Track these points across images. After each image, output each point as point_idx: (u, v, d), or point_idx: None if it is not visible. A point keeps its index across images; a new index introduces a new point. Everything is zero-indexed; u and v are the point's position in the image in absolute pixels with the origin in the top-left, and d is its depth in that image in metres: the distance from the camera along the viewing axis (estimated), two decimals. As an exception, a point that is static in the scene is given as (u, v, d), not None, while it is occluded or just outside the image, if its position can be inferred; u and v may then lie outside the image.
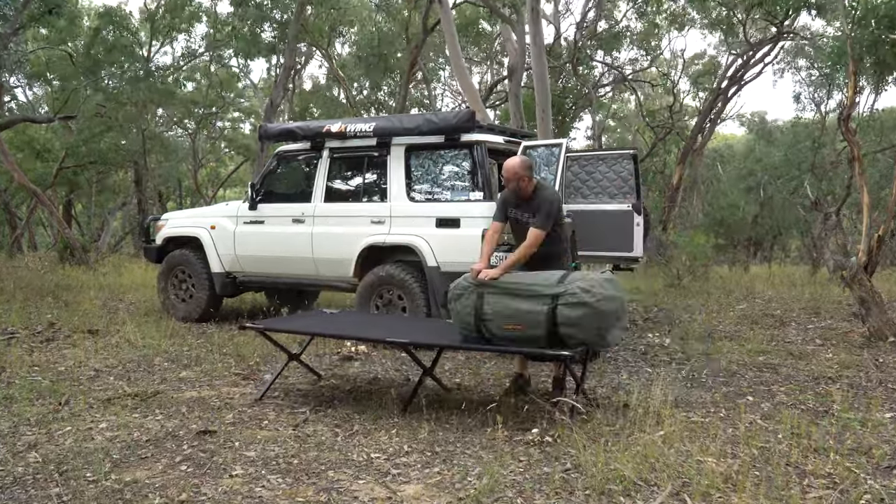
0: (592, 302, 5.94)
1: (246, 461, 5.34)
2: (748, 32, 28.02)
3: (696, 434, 5.82)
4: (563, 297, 6.01)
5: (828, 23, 23.91)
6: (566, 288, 6.06)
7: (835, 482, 4.88)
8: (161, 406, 6.87)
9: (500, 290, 6.32)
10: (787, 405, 6.92)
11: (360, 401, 7.07)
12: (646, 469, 4.99)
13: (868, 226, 10.68)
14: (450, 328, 6.99)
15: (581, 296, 5.95)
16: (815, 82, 29.43)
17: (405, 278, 9.71)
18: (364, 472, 5.12)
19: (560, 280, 6.21)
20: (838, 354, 9.20)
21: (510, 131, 10.97)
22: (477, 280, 6.44)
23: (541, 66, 17.10)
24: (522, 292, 6.21)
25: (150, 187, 30.94)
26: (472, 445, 5.69)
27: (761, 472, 5.04)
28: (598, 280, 6.16)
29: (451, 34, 18.72)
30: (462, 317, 6.51)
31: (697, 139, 29.72)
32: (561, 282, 6.17)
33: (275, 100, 24.77)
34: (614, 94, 38.76)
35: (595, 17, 30.36)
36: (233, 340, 9.97)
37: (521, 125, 18.41)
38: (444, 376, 7.92)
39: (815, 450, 5.49)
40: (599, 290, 6.02)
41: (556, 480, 4.87)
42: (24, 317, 11.68)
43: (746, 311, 12.78)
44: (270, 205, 11.12)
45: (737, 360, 8.94)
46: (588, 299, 5.95)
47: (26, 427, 6.16)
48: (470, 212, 9.37)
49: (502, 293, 6.30)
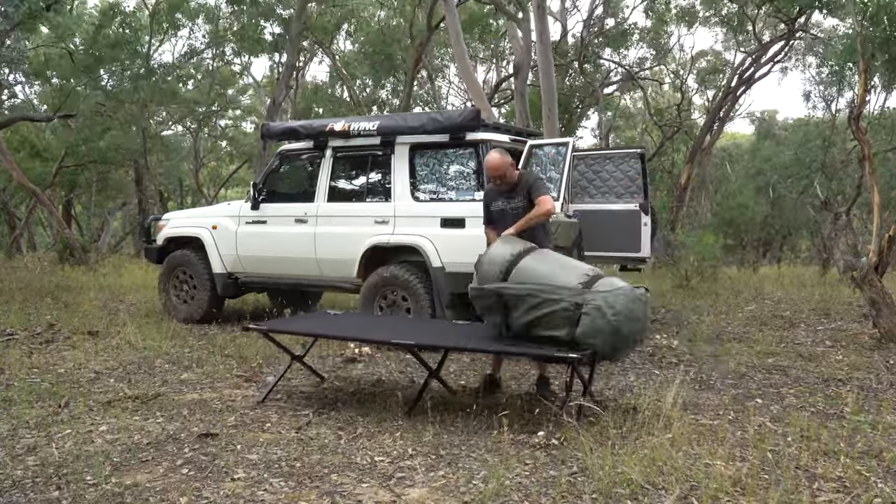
0: (613, 320, 5.96)
1: (248, 464, 5.35)
2: (758, 30, 28.00)
3: (705, 437, 5.82)
4: (587, 305, 6.03)
5: (840, 20, 23.84)
6: (591, 297, 6.08)
7: (845, 486, 4.88)
8: (162, 408, 6.88)
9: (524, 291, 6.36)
10: (796, 408, 6.91)
11: (364, 403, 7.07)
12: (654, 472, 4.99)
13: (879, 226, 10.68)
14: (455, 329, 6.99)
15: (605, 310, 5.98)
16: (825, 80, 29.39)
17: (409, 279, 9.70)
18: (368, 476, 5.12)
19: (586, 284, 6.25)
20: (849, 356, 9.18)
21: (516, 130, 10.98)
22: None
23: (547, 64, 17.10)
24: (545, 296, 6.23)
25: (150, 187, 30.93)
26: (478, 448, 5.69)
27: (770, 475, 5.03)
28: (626, 294, 6.17)
29: (456, 31, 18.71)
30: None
31: (706, 138, 29.69)
32: (587, 286, 6.21)
33: (277, 98, 24.83)
34: (622, 93, 38.74)
35: (602, 13, 30.37)
36: (235, 342, 9.98)
37: (527, 124, 18.43)
38: (449, 378, 7.92)
39: (825, 453, 5.49)
40: (623, 308, 6.05)
41: (562, 484, 4.87)
42: (23, 318, 11.69)
43: (755, 312, 12.76)
44: (273, 204, 11.13)
45: (745, 362, 8.93)
46: (611, 316, 5.96)
47: (25, 430, 6.17)
48: (475, 212, 9.33)
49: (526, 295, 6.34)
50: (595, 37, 29.81)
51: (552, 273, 6.49)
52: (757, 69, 29.09)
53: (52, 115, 25.62)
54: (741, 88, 29.70)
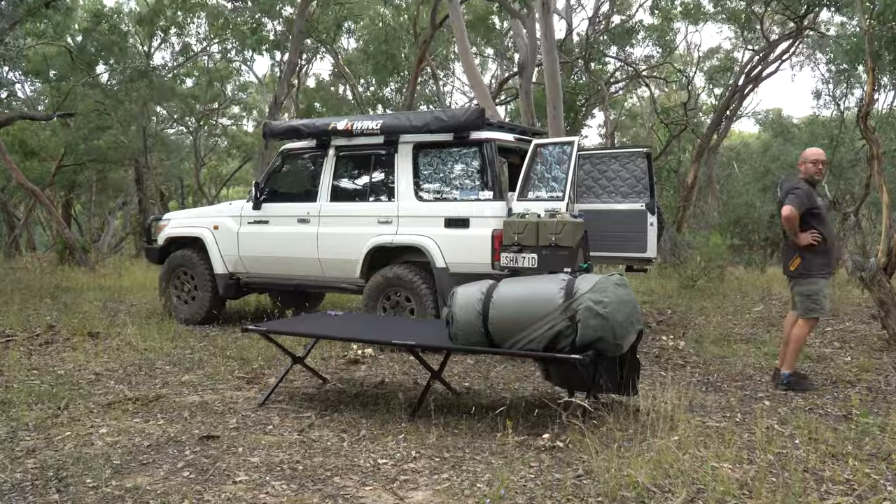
0: (606, 313, 5.96)
1: (250, 467, 5.36)
2: (766, 27, 27.98)
3: (712, 439, 5.82)
4: (578, 314, 6.02)
5: (848, 19, 23.82)
6: (577, 303, 6.07)
7: (853, 488, 4.88)
8: (163, 411, 6.89)
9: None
10: (804, 409, 6.91)
11: (367, 405, 7.08)
12: (660, 475, 4.99)
13: (888, 226, 10.65)
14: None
15: (594, 308, 5.97)
16: (833, 79, 29.38)
17: (413, 279, 9.71)
18: (371, 479, 5.13)
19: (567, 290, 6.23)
20: (857, 357, 9.18)
21: (521, 129, 10.98)
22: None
23: (552, 62, 17.08)
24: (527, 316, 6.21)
25: (151, 186, 30.99)
26: (482, 451, 5.70)
27: (778, 478, 5.03)
28: (606, 283, 6.17)
29: (460, 29, 18.71)
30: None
31: (713, 137, 29.67)
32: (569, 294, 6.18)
33: (279, 97, 24.81)
34: (628, 91, 38.73)
35: (608, 11, 30.36)
36: (236, 343, 9.99)
37: (532, 122, 18.39)
38: (452, 380, 7.93)
39: (833, 455, 5.49)
40: (611, 298, 6.04)
41: (567, 487, 4.87)
42: (22, 319, 11.72)
43: (763, 313, 12.76)
44: (275, 204, 11.14)
45: (753, 364, 8.93)
46: (601, 311, 5.96)
47: (25, 432, 6.18)
48: (480, 211, 9.38)
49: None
50: (601, 34, 29.81)
51: (532, 288, 6.46)
52: (765, 67, 29.08)
53: (51, 113, 25.65)
54: (749, 87, 29.69)
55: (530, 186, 9.33)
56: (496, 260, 9.09)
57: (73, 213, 34.65)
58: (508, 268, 8.89)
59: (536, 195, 9.24)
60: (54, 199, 29.33)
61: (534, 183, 9.34)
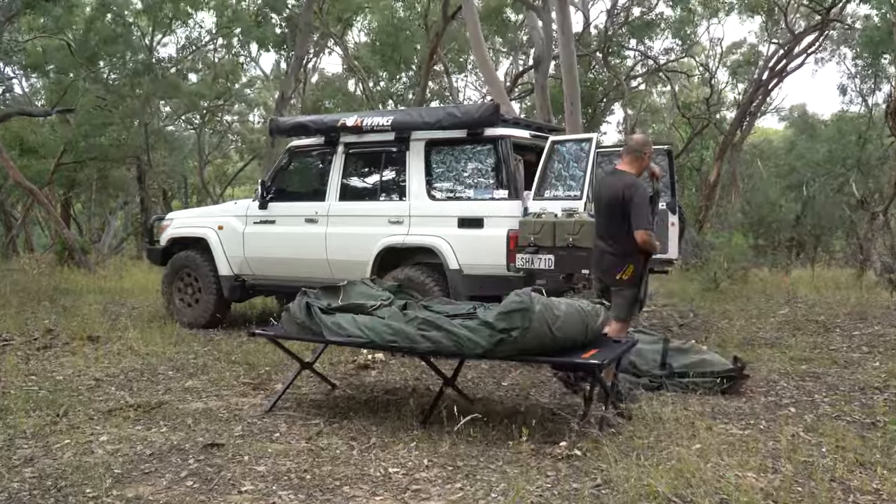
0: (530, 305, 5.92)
1: (256, 476, 5.36)
2: (791, 20, 27.91)
3: (735, 447, 5.80)
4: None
5: (876, 9, 23.71)
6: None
7: (882, 498, 4.87)
8: (165, 418, 6.90)
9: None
10: (831, 416, 6.88)
11: (377, 412, 7.08)
12: (681, 485, 4.97)
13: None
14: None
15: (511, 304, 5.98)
16: (860, 73, 29.30)
17: (425, 281, 9.67)
18: (381, 488, 5.13)
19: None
20: (886, 363, 9.13)
21: (536, 125, 10.98)
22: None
23: (569, 56, 17.06)
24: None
25: (153, 185, 31.08)
26: (497, 460, 5.69)
27: (804, 487, 5.02)
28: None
29: (473, 22, 18.68)
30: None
31: (736, 133, 29.61)
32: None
33: (286, 92, 24.82)
34: (648, 86, 38.66)
35: (627, 2, 30.32)
36: (241, 348, 10.00)
37: (549, 118, 18.40)
38: (466, 387, 7.92)
39: (861, 464, 5.47)
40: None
41: (585, 497, 4.87)
42: (19, 322, 11.75)
43: (788, 316, 12.71)
44: (282, 204, 11.14)
45: (778, 369, 8.89)
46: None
47: (22, 440, 6.20)
48: (494, 211, 9.37)
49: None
50: (620, 27, 29.78)
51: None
52: (789, 61, 29.01)
53: (51, 109, 25.72)
54: (773, 81, 29.62)
55: (547, 185, 9.33)
56: (511, 261, 9.09)
57: (73, 213, 34.73)
58: (524, 269, 8.89)
59: (553, 194, 9.23)
60: (53, 198, 29.38)
61: (550, 181, 9.33)
